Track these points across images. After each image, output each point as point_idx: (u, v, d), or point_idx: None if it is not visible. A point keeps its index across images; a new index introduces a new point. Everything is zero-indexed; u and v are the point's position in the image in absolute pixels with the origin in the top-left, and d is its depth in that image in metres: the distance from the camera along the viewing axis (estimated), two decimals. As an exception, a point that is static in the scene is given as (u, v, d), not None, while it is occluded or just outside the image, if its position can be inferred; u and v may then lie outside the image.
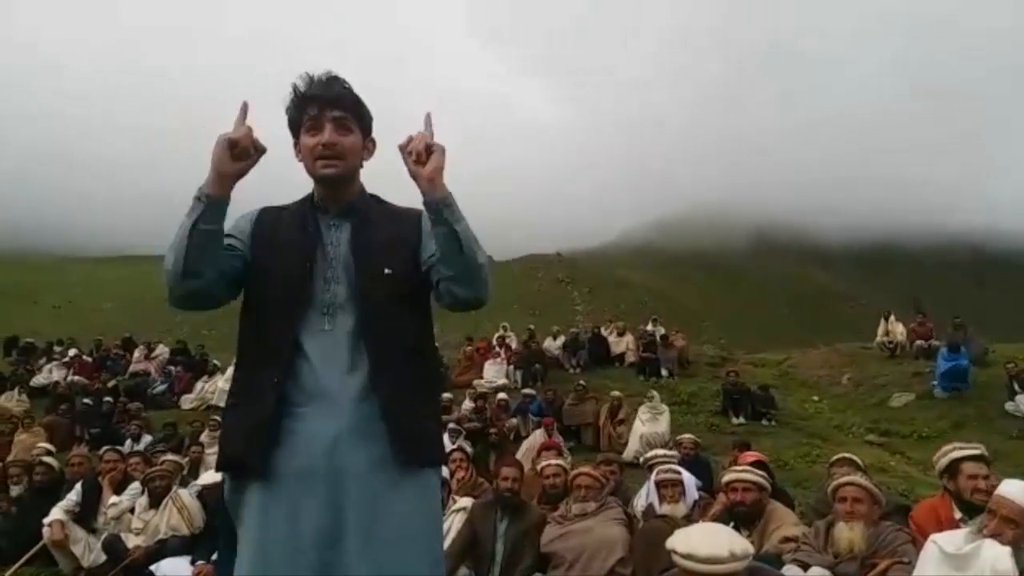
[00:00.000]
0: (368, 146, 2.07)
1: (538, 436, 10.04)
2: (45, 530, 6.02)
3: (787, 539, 4.07)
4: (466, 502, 5.49)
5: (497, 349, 15.38)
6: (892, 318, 16.36)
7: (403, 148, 1.84)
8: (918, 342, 15.05)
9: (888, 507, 4.15)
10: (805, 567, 3.65)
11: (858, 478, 3.97)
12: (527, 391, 12.49)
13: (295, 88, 1.97)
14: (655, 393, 11.40)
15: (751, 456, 5.99)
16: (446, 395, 11.92)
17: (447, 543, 4.47)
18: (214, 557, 5.30)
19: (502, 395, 12.35)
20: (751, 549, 2.75)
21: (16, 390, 14.24)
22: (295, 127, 2.00)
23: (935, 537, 3.23)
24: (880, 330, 16.27)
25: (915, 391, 13.35)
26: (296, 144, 2.02)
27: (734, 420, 12.14)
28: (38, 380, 15.24)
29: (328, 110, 1.94)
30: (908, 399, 13.25)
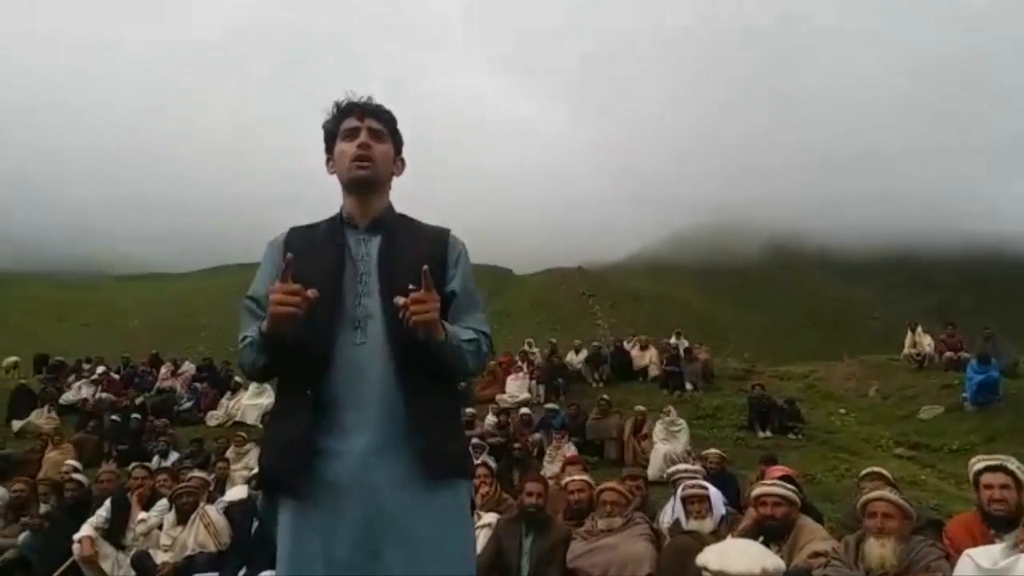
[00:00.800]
0: (398, 163, 2.14)
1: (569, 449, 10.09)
2: (75, 546, 6.11)
3: (817, 554, 4.00)
4: (491, 518, 5.48)
5: (520, 363, 15.34)
6: (919, 330, 16.10)
7: (401, 307, 1.82)
8: (947, 354, 14.80)
9: (920, 522, 4.08)
10: (836, 583, 3.60)
11: (888, 493, 3.91)
12: (550, 405, 12.46)
13: (336, 103, 2.06)
14: (671, 408, 11.16)
15: (778, 471, 5.93)
16: (469, 410, 11.92)
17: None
18: (242, 573, 5.34)
19: (525, 410, 12.27)
20: (783, 565, 2.73)
21: (46, 407, 14.44)
22: (331, 138, 2.08)
23: (970, 552, 3.18)
24: (907, 341, 16.02)
25: (944, 403, 13.11)
26: (329, 159, 2.09)
27: (760, 434, 11.98)
28: (67, 397, 15.39)
29: (366, 120, 2.04)
30: (937, 412, 13.02)
